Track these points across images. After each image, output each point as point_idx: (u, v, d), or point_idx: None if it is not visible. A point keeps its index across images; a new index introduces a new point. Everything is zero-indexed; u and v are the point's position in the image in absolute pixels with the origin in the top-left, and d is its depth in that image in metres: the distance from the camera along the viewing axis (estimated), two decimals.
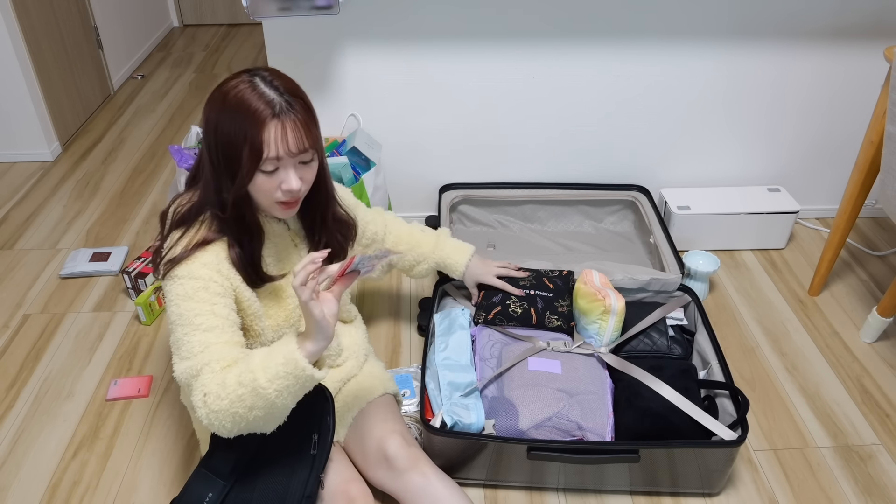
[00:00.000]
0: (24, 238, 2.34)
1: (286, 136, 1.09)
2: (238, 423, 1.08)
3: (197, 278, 1.14)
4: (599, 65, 2.05)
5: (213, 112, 1.11)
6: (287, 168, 1.13)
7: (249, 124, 1.07)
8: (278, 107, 1.08)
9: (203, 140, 1.15)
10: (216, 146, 1.12)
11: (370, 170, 2.00)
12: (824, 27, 2.00)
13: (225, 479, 1.24)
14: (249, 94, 1.08)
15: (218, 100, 1.11)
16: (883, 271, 2.14)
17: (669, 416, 1.43)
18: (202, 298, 1.13)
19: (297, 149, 1.11)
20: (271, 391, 1.05)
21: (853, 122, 2.20)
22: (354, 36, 1.99)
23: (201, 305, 1.13)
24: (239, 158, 1.10)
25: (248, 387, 1.05)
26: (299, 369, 1.05)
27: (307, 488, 1.24)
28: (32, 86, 2.70)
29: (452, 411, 1.44)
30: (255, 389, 1.05)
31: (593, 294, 1.63)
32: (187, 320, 1.12)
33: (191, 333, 1.12)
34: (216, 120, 1.11)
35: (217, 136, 1.11)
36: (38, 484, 1.51)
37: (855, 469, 1.54)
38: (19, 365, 1.82)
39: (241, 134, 1.08)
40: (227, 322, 1.15)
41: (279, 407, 1.08)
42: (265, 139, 1.08)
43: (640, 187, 2.24)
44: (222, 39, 4.20)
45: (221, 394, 1.07)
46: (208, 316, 1.13)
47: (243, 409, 1.06)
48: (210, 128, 1.12)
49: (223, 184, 1.14)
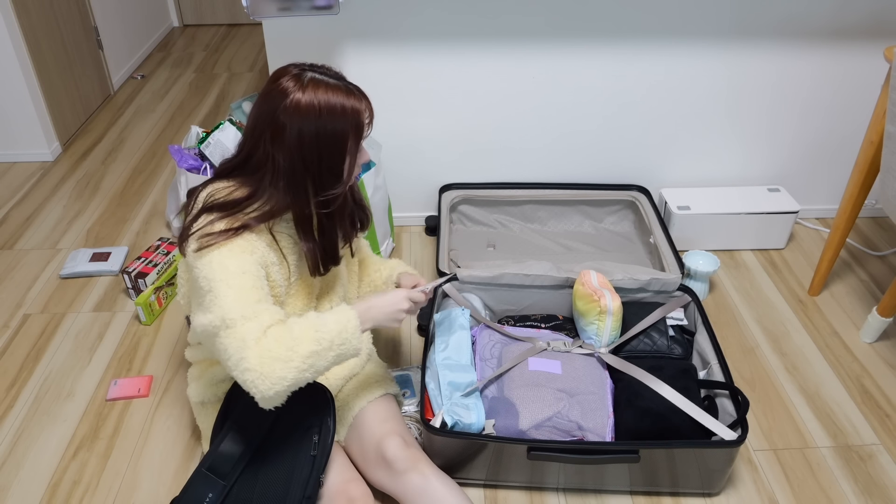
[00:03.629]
0: (24, 238, 2.34)
1: (369, 109, 1.20)
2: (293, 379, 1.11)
3: (241, 245, 1.16)
4: (600, 65, 2.05)
5: (304, 119, 1.13)
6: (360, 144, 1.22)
7: (352, 115, 1.16)
8: (355, 90, 1.17)
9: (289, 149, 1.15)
10: (318, 149, 1.15)
11: (370, 170, 2.00)
12: (824, 27, 2.01)
13: (225, 480, 1.24)
14: (335, 91, 1.14)
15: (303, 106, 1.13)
16: (883, 271, 2.14)
17: (669, 416, 1.43)
18: (246, 260, 1.16)
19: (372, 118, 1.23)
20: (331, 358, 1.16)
21: (853, 122, 2.20)
22: (354, 36, 1.99)
23: (246, 265, 1.15)
24: (345, 149, 1.17)
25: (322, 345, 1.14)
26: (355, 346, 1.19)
27: (307, 489, 1.24)
28: (32, 86, 2.70)
29: (453, 411, 1.44)
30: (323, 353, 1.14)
31: (590, 295, 1.63)
32: (232, 273, 1.14)
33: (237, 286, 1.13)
34: (313, 125, 1.13)
35: (320, 138, 1.15)
36: (38, 484, 1.51)
37: (855, 469, 1.54)
38: (19, 365, 1.83)
39: (345, 126, 1.16)
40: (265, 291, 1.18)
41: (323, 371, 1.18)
42: (364, 119, 1.18)
43: (640, 187, 2.24)
44: (222, 39, 4.20)
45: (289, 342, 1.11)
46: (251, 277, 1.15)
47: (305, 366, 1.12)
48: (307, 134, 1.14)
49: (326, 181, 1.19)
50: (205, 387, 1.39)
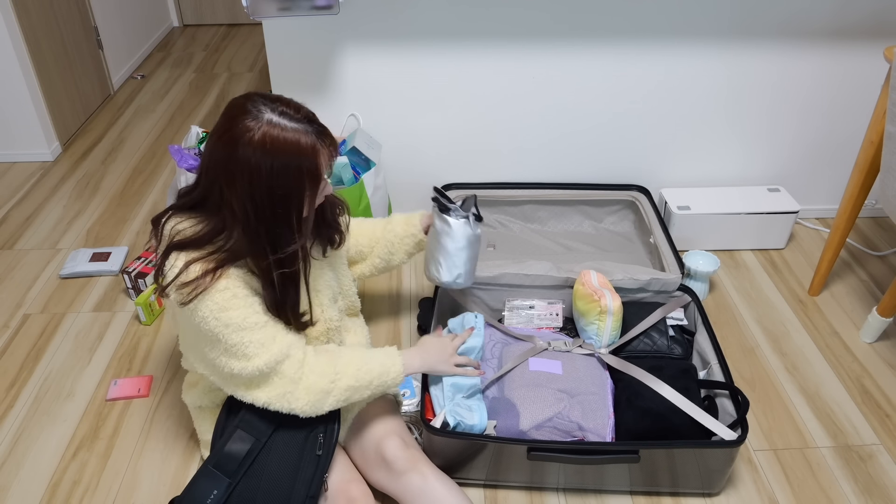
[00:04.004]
0: (24, 238, 2.34)
1: (330, 154, 1.13)
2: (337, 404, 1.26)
3: (222, 290, 1.13)
4: (600, 65, 2.05)
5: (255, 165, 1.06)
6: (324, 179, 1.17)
7: (306, 161, 1.09)
8: (315, 133, 1.10)
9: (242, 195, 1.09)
10: (270, 198, 1.08)
11: (370, 170, 2.00)
12: (824, 27, 2.00)
13: (230, 477, 1.24)
14: (289, 135, 1.07)
15: (256, 151, 1.06)
16: (883, 271, 2.14)
17: (669, 416, 1.43)
18: (238, 305, 1.14)
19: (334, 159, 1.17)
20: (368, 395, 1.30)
21: (853, 122, 2.20)
22: (354, 36, 1.99)
23: (242, 311, 1.15)
24: (301, 198, 1.12)
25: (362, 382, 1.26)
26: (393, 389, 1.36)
27: (311, 488, 1.24)
28: (32, 86, 2.70)
29: (455, 412, 1.44)
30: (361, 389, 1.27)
31: (590, 295, 1.63)
32: (237, 326, 1.14)
33: (250, 335, 1.15)
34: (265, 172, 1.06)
35: (272, 187, 1.07)
36: (38, 484, 1.51)
37: (855, 469, 1.54)
38: (19, 365, 1.82)
39: (300, 174, 1.09)
40: (269, 315, 1.20)
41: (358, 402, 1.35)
42: (321, 166, 1.12)
43: (640, 187, 2.24)
44: (222, 39, 4.20)
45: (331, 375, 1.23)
46: (255, 316, 1.16)
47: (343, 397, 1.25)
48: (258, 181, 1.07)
49: (280, 236, 1.13)
50: (202, 393, 1.39)
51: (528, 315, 1.81)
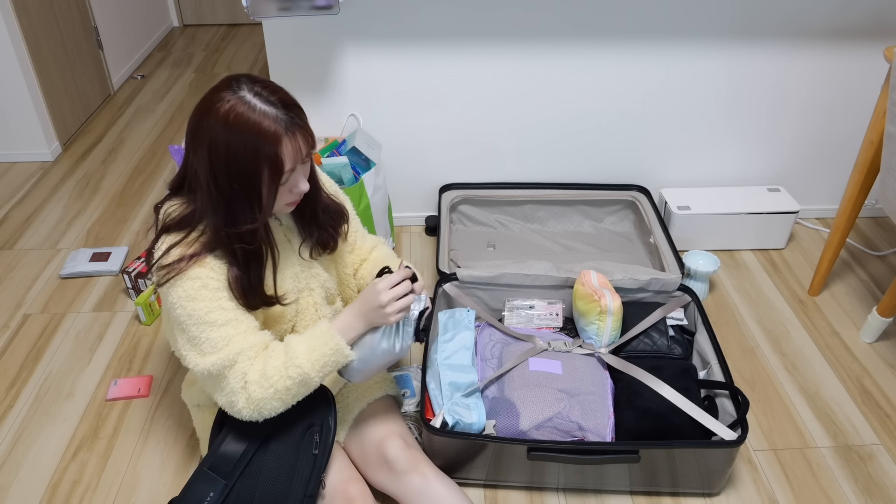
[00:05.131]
0: (24, 238, 2.34)
1: (300, 148, 1.10)
2: (281, 405, 1.19)
3: (194, 278, 1.14)
4: (600, 65, 2.05)
5: (214, 137, 1.06)
6: (297, 173, 1.14)
7: (265, 146, 1.06)
8: (285, 123, 1.07)
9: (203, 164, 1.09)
10: (228, 174, 1.08)
11: (370, 170, 2.00)
12: (824, 27, 2.00)
13: (226, 479, 1.24)
14: (252, 115, 1.05)
15: (217, 123, 1.05)
16: (883, 271, 2.14)
17: (669, 416, 1.43)
18: (205, 297, 1.14)
19: (307, 155, 1.13)
20: (317, 379, 1.19)
21: (853, 122, 2.20)
22: (354, 36, 1.99)
23: (207, 303, 1.14)
24: (259, 181, 1.09)
25: (295, 379, 1.16)
26: (343, 356, 1.19)
27: (308, 488, 1.24)
28: (32, 86, 2.70)
29: (454, 411, 1.44)
30: (304, 381, 1.17)
31: (590, 295, 1.63)
32: (199, 319, 1.14)
33: (208, 330, 1.14)
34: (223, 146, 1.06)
35: (229, 163, 1.07)
36: (38, 484, 1.51)
37: (855, 469, 1.54)
38: (19, 365, 1.82)
39: (257, 158, 1.06)
40: (238, 312, 1.18)
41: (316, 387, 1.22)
42: (284, 156, 1.08)
43: (640, 187, 2.24)
44: (222, 39, 4.20)
45: (265, 384, 1.15)
46: (219, 312, 1.15)
47: (288, 395, 1.18)
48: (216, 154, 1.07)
49: (238, 210, 1.11)
50: (200, 391, 1.39)
51: (528, 315, 1.81)
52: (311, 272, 1.32)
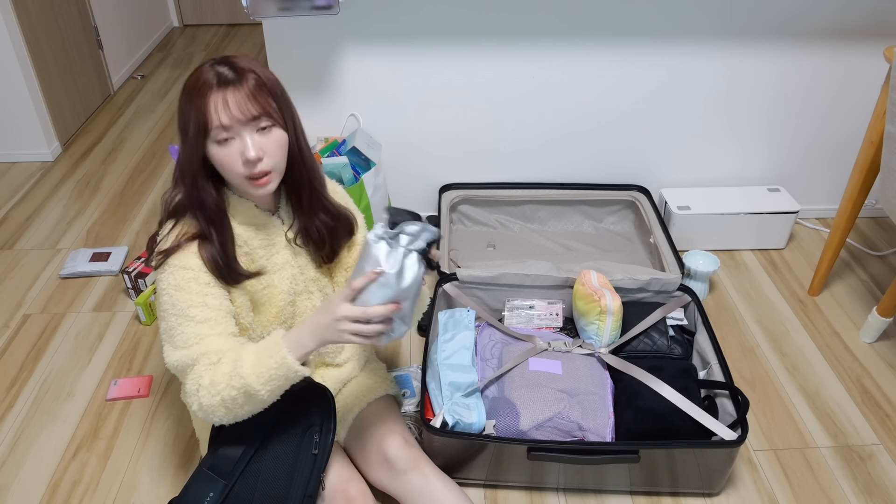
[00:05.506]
0: (24, 238, 2.34)
1: (227, 103, 1.07)
2: (229, 414, 1.14)
3: (187, 268, 1.14)
4: (600, 65, 2.05)
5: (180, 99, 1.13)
6: (242, 136, 1.10)
7: (196, 97, 1.08)
8: (222, 77, 1.08)
9: None
10: (179, 130, 1.12)
11: (370, 170, 2.00)
12: (825, 27, 2.01)
13: (226, 479, 1.24)
14: (201, 73, 1.09)
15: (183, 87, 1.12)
16: (883, 271, 2.14)
17: (669, 416, 1.43)
18: (193, 290, 1.14)
19: (242, 115, 1.08)
20: (264, 393, 1.11)
21: (853, 122, 2.20)
22: (354, 36, 1.99)
23: (193, 297, 1.14)
24: (195, 137, 1.10)
25: (240, 390, 1.10)
26: (291, 371, 1.10)
27: (308, 488, 1.24)
28: (32, 86, 2.70)
29: (454, 410, 1.44)
30: (248, 392, 1.10)
31: (590, 295, 1.63)
32: (180, 311, 1.14)
33: (185, 324, 1.14)
34: (179, 105, 1.12)
35: (178, 119, 1.12)
36: (38, 484, 1.51)
37: (855, 469, 1.54)
38: (19, 365, 1.82)
39: (190, 109, 1.09)
40: (221, 312, 1.17)
41: (266, 403, 1.15)
42: (210, 108, 1.07)
43: (640, 187, 2.24)
44: (222, 39, 4.20)
45: (212, 391, 1.11)
46: (201, 308, 1.14)
47: (235, 406, 1.12)
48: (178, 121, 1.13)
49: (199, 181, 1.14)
50: None
51: (528, 315, 1.81)
52: (311, 276, 1.32)
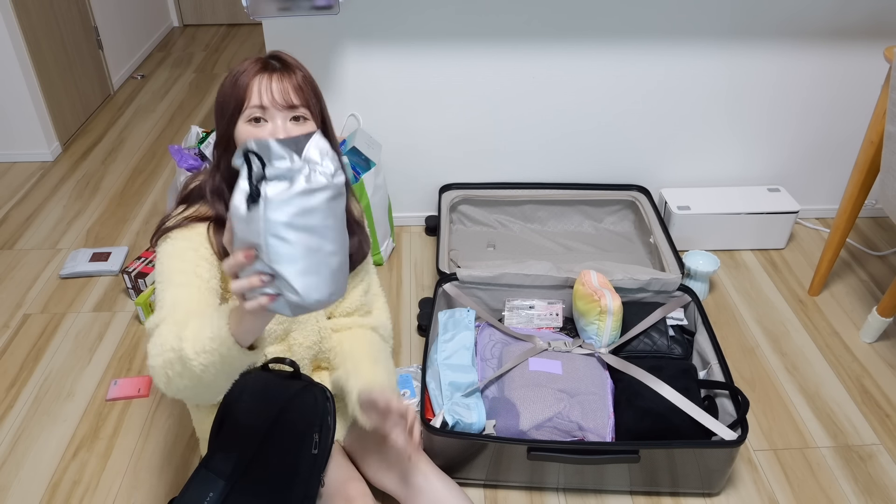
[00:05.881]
0: (24, 238, 2.34)
1: (271, 86, 1.10)
2: (169, 385, 1.01)
3: (188, 239, 1.13)
4: (600, 66, 2.05)
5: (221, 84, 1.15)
6: (275, 119, 1.11)
7: (242, 77, 1.11)
8: (271, 66, 1.12)
9: None
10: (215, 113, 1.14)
11: (370, 170, 2.00)
12: (824, 27, 2.01)
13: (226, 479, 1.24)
14: (249, 61, 1.13)
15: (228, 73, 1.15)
16: (883, 271, 2.14)
17: (669, 416, 1.43)
18: (187, 258, 1.12)
19: (283, 101, 1.10)
20: (196, 364, 0.95)
21: (853, 122, 2.20)
22: (354, 36, 1.99)
23: (184, 264, 1.11)
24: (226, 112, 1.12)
25: (176, 353, 0.97)
26: (225, 347, 0.93)
27: (308, 488, 1.24)
28: (32, 86, 2.70)
29: (454, 410, 1.44)
30: (182, 359, 0.96)
31: (590, 295, 1.64)
32: (167, 277, 1.11)
33: (167, 289, 1.09)
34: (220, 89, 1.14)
35: (215, 104, 1.14)
36: (38, 484, 1.51)
37: (855, 469, 1.54)
38: (19, 365, 1.82)
39: (232, 89, 1.11)
40: (207, 285, 1.12)
41: (206, 382, 0.98)
42: (253, 88, 1.10)
43: (640, 187, 2.24)
44: (222, 39, 4.20)
45: (156, 351, 1.01)
46: (188, 275, 1.11)
47: (172, 373, 0.99)
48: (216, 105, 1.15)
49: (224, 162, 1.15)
50: None
51: (528, 315, 1.81)
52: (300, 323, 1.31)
